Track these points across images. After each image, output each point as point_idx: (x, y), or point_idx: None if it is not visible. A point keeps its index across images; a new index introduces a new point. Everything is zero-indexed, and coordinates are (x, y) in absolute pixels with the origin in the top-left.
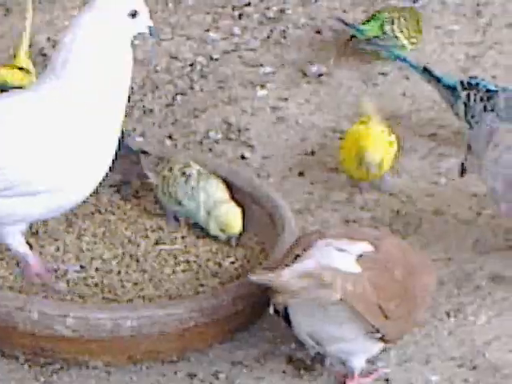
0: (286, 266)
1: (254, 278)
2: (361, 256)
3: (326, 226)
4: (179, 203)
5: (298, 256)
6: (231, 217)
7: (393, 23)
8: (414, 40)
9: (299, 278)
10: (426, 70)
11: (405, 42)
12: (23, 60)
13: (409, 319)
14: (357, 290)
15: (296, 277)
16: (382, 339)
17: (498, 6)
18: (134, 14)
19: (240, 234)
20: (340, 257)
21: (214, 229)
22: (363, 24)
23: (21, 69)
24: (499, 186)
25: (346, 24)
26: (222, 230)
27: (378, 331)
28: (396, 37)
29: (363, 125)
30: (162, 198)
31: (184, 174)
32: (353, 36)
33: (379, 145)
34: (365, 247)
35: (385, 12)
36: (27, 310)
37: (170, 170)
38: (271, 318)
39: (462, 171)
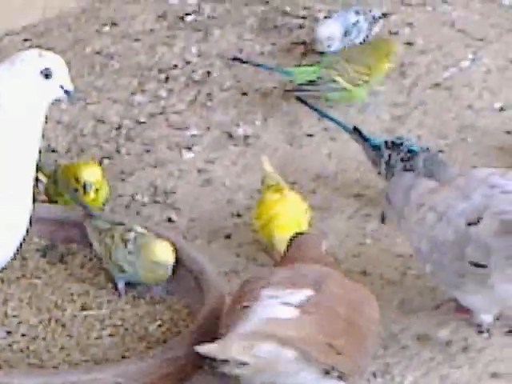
0: (233, 327)
1: (200, 350)
2: (304, 302)
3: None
4: (122, 270)
5: (246, 307)
6: (159, 246)
7: (330, 67)
8: (365, 78)
9: (245, 348)
10: (355, 130)
11: (346, 84)
12: None
13: (362, 351)
14: (300, 334)
15: (242, 348)
16: (340, 377)
17: (422, 67)
18: (47, 75)
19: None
20: (283, 311)
21: (146, 270)
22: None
23: None
24: (424, 246)
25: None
26: (155, 263)
27: (333, 369)
28: (334, 80)
29: (277, 193)
30: (108, 267)
31: (123, 239)
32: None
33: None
34: (307, 293)
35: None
36: None
37: (112, 237)
38: (199, 382)
39: (383, 219)
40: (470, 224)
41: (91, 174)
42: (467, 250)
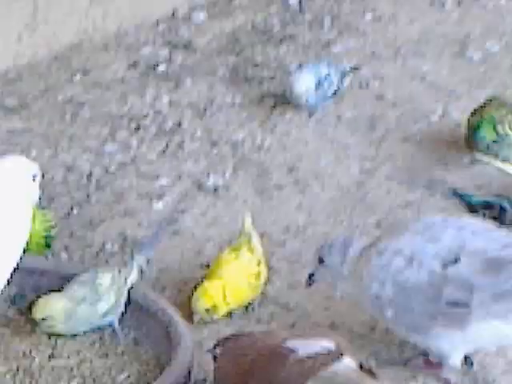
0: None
1: None
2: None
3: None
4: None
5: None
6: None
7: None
8: None
9: None
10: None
11: None
12: None
13: None
14: None
15: None
16: None
17: (392, 120)
18: (33, 178)
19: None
20: None
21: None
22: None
23: None
24: (386, 292)
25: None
26: None
27: None
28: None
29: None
30: None
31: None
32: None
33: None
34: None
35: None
36: None
37: None
38: None
39: (310, 281)
40: (446, 265)
41: None
42: (445, 291)
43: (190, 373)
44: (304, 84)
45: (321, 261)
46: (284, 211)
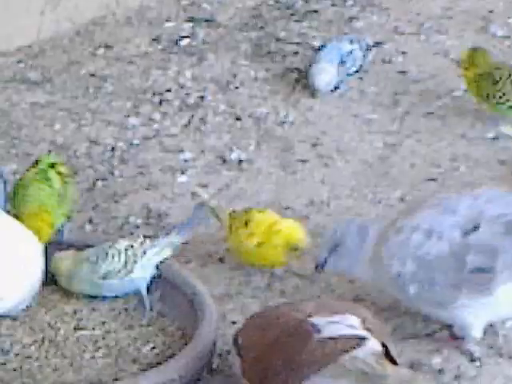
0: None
1: None
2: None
3: (246, 312)
4: None
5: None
6: None
7: None
8: None
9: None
10: None
11: None
12: None
13: None
14: None
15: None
16: None
17: (415, 96)
18: None
19: None
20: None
21: None
22: None
23: None
24: (408, 268)
25: None
26: None
27: None
28: None
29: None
30: None
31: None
32: None
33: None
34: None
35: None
36: None
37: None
38: None
39: (320, 269)
40: (466, 233)
41: None
42: (468, 258)
43: (214, 344)
44: (326, 78)
45: (335, 247)
46: (307, 185)
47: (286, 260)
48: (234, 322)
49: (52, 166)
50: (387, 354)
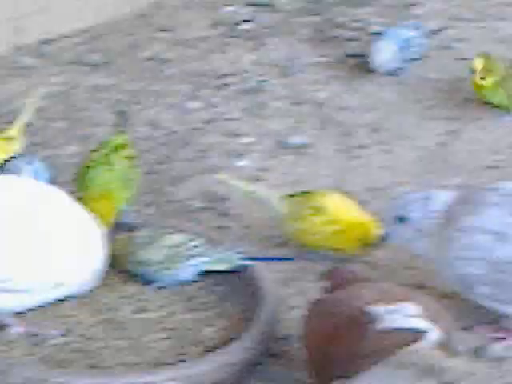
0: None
1: None
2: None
3: (306, 296)
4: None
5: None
6: None
7: None
8: None
9: None
10: None
11: None
12: (14, 132)
13: None
14: None
15: None
16: None
17: None
18: None
19: None
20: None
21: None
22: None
23: (7, 139)
24: (479, 269)
25: None
26: None
27: None
28: None
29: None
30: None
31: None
32: None
33: None
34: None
35: None
36: (9, 375)
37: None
38: None
39: (385, 240)
40: None
41: None
42: None
43: (274, 329)
44: (385, 57)
45: (400, 218)
46: (367, 171)
47: (358, 252)
48: (293, 307)
49: (117, 148)
50: (448, 343)
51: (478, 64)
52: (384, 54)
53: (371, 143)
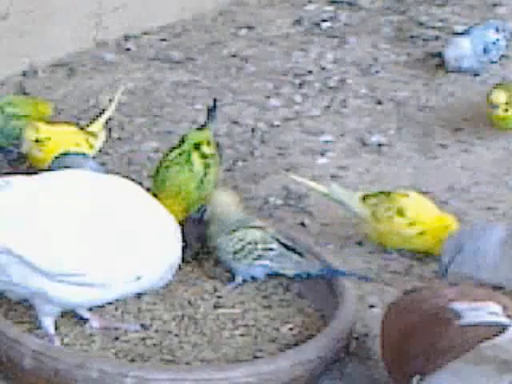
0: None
1: None
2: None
3: (384, 295)
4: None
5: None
6: None
7: None
8: None
9: None
10: None
11: None
12: (97, 127)
13: None
14: None
15: None
16: None
17: None
18: None
19: None
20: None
21: None
22: None
23: (91, 134)
24: None
25: None
26: None
27: None
28: None
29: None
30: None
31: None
32: None
33: None
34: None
35: None
36: (87, 368)
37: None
38: None
39: (446, 273)
40: None
41: None
42: None
43: (352, 327)
44: (456, 52)
45: (458, 251)
46: (447, 171)
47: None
48: (371, 306)
49: (197, 146)
50: None
51: (501, 97)
52: (457, 50)
53: (451, 143)
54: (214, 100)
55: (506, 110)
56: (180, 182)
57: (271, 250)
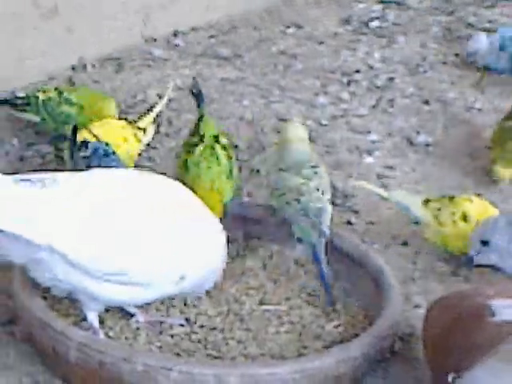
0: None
1: None
2: None
3: (430, 296)
4: None
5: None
6: None
7: None
8: None
9: None
10: None
11: None
12: (146, 122)
13: None
14: None
15: None
16: None
17: None
18: None
19: None
20: None
21: None
22: None
23: (139, 129)
24: None
25: None
26: None
27: None
28: None
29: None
30: None
31: None
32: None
33: None
34: None
35: None
36: (132, 362)
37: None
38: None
39: (471, 265)
40: None
41: None
42: None
43: (397, 326)
44: (474, 46)
45: (485, 243)
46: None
47: None
48: (417, 306)
49: (216, 138)
50: None
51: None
52: (477, 44)
53: None
54: (195, 80)
55: None
56: (213, 176)
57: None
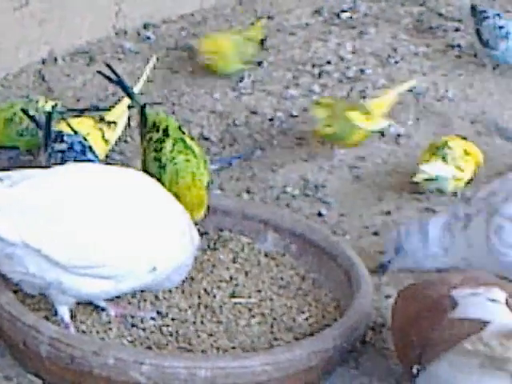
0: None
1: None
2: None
3: (400, 286)
4: None
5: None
6: None
7: None
8: None
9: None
10: None
11: None
12: (116, 115)
13: None
14: None
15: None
16: None
17: None
18: None
19: None
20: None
21: None
22: None
23: (109, 123)
24: None
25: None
26: None
27: None
28: None
29: None
30: None
31: None
32: None
33: None
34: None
35: None
36: (103, 355)
37: None
38: (341, 375)
39: (383, 270)
40: None
41: None
42: None
43: (368, 317)
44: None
45: (399, 250)
46: None
47: None
48: (387, 296)
49: (181, 130)
50: None
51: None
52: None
53: (469, 134)
54: (111, 68)
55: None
56: (193, 168)
57: None
